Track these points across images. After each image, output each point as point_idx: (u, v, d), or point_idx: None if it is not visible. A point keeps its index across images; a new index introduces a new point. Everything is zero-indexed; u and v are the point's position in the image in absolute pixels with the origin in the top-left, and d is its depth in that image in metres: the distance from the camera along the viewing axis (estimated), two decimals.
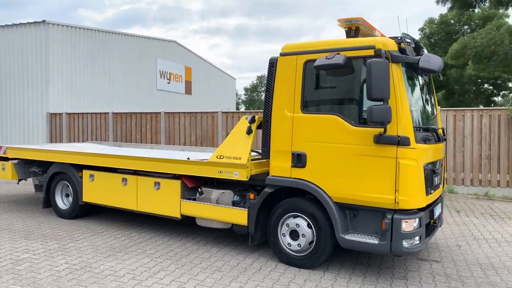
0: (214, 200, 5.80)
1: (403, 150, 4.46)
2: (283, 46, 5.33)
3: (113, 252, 5.63)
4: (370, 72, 4.27)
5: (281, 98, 5.21)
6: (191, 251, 5.75)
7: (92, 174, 7.06)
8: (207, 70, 28.79)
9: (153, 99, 22.17)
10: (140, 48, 21.37)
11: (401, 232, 4.46)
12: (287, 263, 5.21)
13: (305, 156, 4.99)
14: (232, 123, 12.93)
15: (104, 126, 14.91)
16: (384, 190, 4.53)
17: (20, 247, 5.81)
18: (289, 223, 5.15)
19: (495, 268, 5.31)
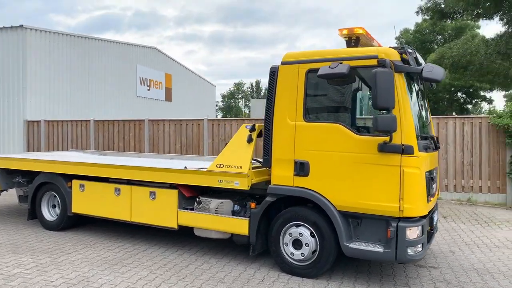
0: (213, 209, 5.71)
1: (407, 158, 4.51)
2: (285, 55, 5.34)
3: (109, 265, 5.46)
4: (375, 82, 4.32)
5: (283, 106, 5.21)
6: (190, 262, 5.64)
7: (82, 184, 6.85)
8: (187, 77, 28.61)
9: (133, 106, 21.83)
10: (120, 54, 21.05)
11: (405, 240, 4.50)
12: (290, 272, 5.18)
13: (308, 165, 4.99)
14: (218, 131, 12.86)
15: (85, 134, 14.54)
16: (389, 198, 4.57)
17: (10, 262, 5.55)
18: (292, 232, 5.13)
19: (491, 273, 5.43)
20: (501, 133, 10.29)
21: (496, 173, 10.44)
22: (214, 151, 12.79)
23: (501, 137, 10.31)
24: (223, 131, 12.81)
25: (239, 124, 12.55)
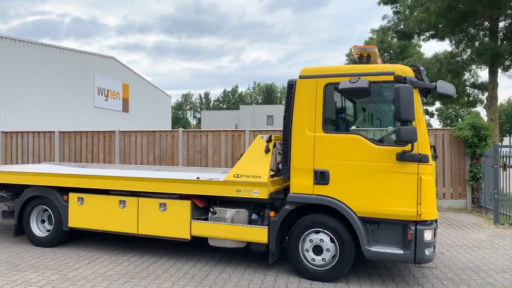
0: (229, 219, 5.79)
1: (423, 166, 4.93)
2: (302, 69, 5.61)
3: (127, 279, 5.35)
4: (398, 97, 4.70)
5: (302, 118, 5.46)
6: (207, 273, 5.66)
7: (81, 197, 6.62)
8: (144, 87, 28.09)
9: (90, 116, 21.07)
10: (78, 63, 20.30)
11: (424, 242, 4.89)
12: (310, 278, 5.38)
13: (328, 174, 5.26)
14: (193, 142, 12.82)
15: (49, 146, 13.84)
16: (407, 203, 4.95)
17: (17, 280, 5.25)
18: (313, 238, 5.35)
19: (483, 270, 5.99)
20: (461, 144, 11.23)
21: (457, 180, 11.37)
22: (190, 163, 12.74)
23: (462, 147, 11.26)
24: (198, 142, 12.80)
25: (215, 136, 12.66)
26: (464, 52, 16.35)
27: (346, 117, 5.56)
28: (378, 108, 5.76)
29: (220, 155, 12.57)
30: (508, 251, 7.11)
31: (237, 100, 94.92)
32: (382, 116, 5.65)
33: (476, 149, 10.84)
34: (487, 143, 10.91)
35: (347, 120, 5.52)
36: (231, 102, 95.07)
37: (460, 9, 12.25)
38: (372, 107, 5.51)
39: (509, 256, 6.77)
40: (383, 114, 5.65)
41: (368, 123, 5.48)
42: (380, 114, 5.71)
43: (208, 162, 12.60)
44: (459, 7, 12.13)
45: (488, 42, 12.82)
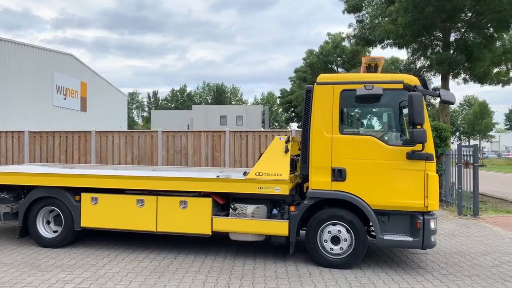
0: (250, 214, 6.20)
1: (429, 164, 5.67)
2: (319, 76, 6.15)
3: (159, 273, 5.58)
4: (412, 103, 5.39)
5: (320, 121, 6.00)
6: (231, 265, 6.03)
7: (95, 197, 6.69)
8: (101, 85, 27.34)
9: (49, 116, 20.26)
10: (36, 60, 19.45)
11: (430, 230, 5.63)
12: (328, 266, 5.93)
13: (345, 171, 5.84)
14: (173, 142, 12.95)
15: (17, 147, 13.29)
16: (415, 196, 5.66)
17: (50, 279, 5.30)
18: (331, 230, 5.91)
19: (468, 254, 6.89)
20: None
21: None
22: (170, 163, 12.85)
23: None
24: (178, 142, 12.95)
25: (195, 136, 12.88)
26: (418, 60, 17.82)
27: (359, 119, 6.18)
28: (386, 112, 6.44)
29: (200, 155, 12.81)
30: (479, 238, 8.14)
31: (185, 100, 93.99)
32: (388, 119, 6.33)
33: (438, 149, 11.98)
34: (447, 144, 12.13)
35: (361, 123, 6.14)
36: (180, 101, 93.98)
37: (422, 22, 13.47)
38: (380, 111, 6.19)
39: (482, 242, 7.76)
40: (389, 117, 6.33)
41: (378, 125, 6.14)
42: (387, 117, 6.39)
43: (188, 162, 12.79)
44: (422, 20, 13.34)
45: (446, 53, 14.20)
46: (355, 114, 6.19)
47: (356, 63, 32.92)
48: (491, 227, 9.23)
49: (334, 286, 5.19)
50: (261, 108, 54.76)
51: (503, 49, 15.43)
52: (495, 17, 13.29)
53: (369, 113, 6.07)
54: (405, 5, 13.17)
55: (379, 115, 6.18)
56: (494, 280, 5.52)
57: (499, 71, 16.07)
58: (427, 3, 13.10)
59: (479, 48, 13.87)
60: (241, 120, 52.92)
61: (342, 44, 32.93)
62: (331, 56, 33.44)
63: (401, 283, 5.34)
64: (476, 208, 10.46)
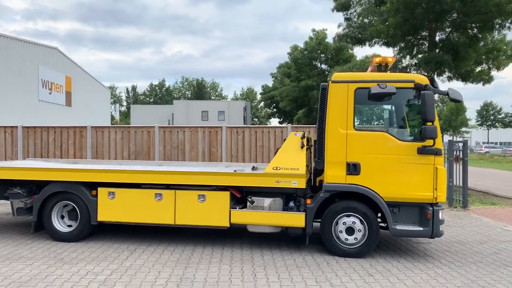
0: (268, 207, 6.45)
1: (438, 158, 6.06)
2: (334, 75, 6.45)
3: (184, 264, 5.78)
4: (425, 101, 5.74)
5: (335, 117, 6.29)
6: (250, 255, 6.28)
7: (112, 192, 6.80)
8: (85, 80, 26.94)
9: (34, 110, 19.90)
10: (21, 53, 19.05)
11: (439, 220, 6.02)
12: (342, 255, 6.26)
13: (359, 165, 6.16)
14: (170, 138, 13.04)
15: (10, 142, 13.11)
16: (425, 189, 6.04)
17: (79, 271, 5.42)
18: (346, 221, 6.23)
19: (466, 243, 7.35)
20: None
21: None
22: (167, 158, 12.94)
23: None
24: (175, 138, 13.05)
25: (192, 132, 13.01)
26: (404, 58, 18.39)
27: (373, 116, 6.51)
28: (398, 109, 6.78)
29: (197, 151, 12.95)
30: (472, 228, 8.65)
31: (164, 95, 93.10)
32: (399, 116, 6.69)
33: None
34: None
35: (374, 119, 6.48)
36: (158, 96, 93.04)
37: (412, 22, 13.97)
38: (392, 108, 6.55)
39: (476, 232, 8.27)
40: (400, 114, 6.69)
41: (390, 122, 6.49)
42: (398, 114, 6.75)
43: (186, 157, 12.91)
44: (412, 20, 13.83)
45: (434, 53, 14.76)
46: (368, 111, 6.52)
47: (340, 60, 33.52)
48: (481, 218, 9.78)
49: (353, 273, 5.51)
50: (243, 103, 54.91)
51: (485, 49, 16.14)
52: (480, 18, 13.90)
53: (381, 110, 6.40)
54: (396, 6, 13.62)
55: (391, 112, 6.53)
56: (497, 266, 5.97)
57: (482, 69, 16.79)
58: (417, 4, 13.59)
59: (464, 48, 14.48)
60: (223, 115, 52.92)
61: (325, 41, 33.48)
62: (315, 52, 33.95)
63: (414, 270, 5.72)
64: (465, 200, 11.02)
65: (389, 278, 5.34)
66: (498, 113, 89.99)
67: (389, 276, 5.42)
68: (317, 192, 6.63)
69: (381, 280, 5.28)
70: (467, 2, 13.11)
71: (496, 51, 16.51)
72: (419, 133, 5.96)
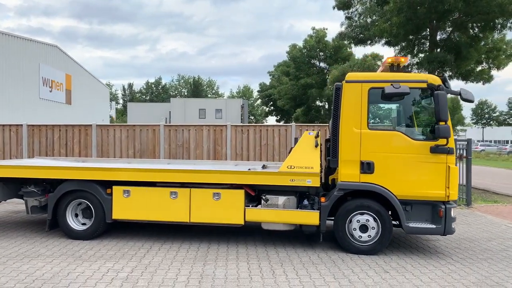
0: (282, 205, 6.55)
1: (451, 157, 6.17)
2: (348, 75, 6.55)
3: (203, 261, 5.86)
4: (438, 101, 5.86)
5: (349, 117, 6.39)
6: (266, 253, 6.37)
7: (127, 190, 6.86)
8: (84, 78, 26.86)
9: (36, 108, 19.85)
10: (21, 51, 18.97)
11: (451, 217, 6.14)
12: (356, 252, 6.36)
13: (373, 164, 6.27)
14: (175, 136, 13.10)
15: (15, 140, 13.11)
16: (438, 187, 6.16)
17: (100, 269, 5.49)
18: (360, 219, 6.33)
19: (475, 240, 7.49)
20: None
21: None
22: (172, 156, 13.01)
23: None
24: (180, 136, 13.11)
25: (197, 130, 13.08)
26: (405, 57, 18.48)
27: (388, 116, 6.61)
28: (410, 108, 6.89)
29: (202, 149, 13.02)
30: (479, 225, 8.79)
31: (160, 92, 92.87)
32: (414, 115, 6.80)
33: None
34: None
35: (390, 119, 6.58)
36: (155, 94, 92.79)
37: (415, 22, 14.08)
38: (405, 108, 6.66)
39: (482, 229, 8.41)
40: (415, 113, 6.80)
41: (403, 121, 6.60)
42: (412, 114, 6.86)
43: (190, 155, 12.98)
44: (415, 20, 13.94)
45: (436, 52, 14.89)
46: (382, 111, 6.62)
47: (338, 58, 33.63)
48: (485, 216, 9.94)
49: (369, 270, 5.62)
50: (240, 101, 54.92)
51: (486, 49, 16.30)
52: (482, 18, 14.04)
53: (394, 110, 6.51)
54: (399, 5, 13.72)
55: (404, 111, 6.64)
56: (508, 262, 6.10)
57: (483, 69, 16.96)
58: (421, 4, 13.71)
59: (466, 47, 14.63)
60: (220, 114, 52.92)
61: (325, 40, 33.57)
62: (313, 51, 34.04)
63: (428, 267, 5.84)
64: (469, 198, 11.18)
65: (405, 275, 5.46)
66: (493, 111, 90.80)
67: (404, 273, 5.54)
68: (329, 190, 6.75)
69: (397, 276, 5.39)
70: (469, 2, 13.24)
71: (496, 51, 16.70)
72: (433, 132, 6.07)
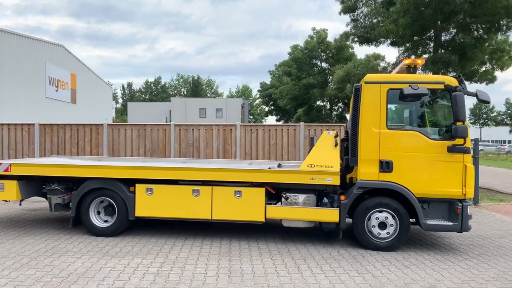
0: (302, 203, 6.72)
1: (467, 156, 6.36)
2: (367, 76, 6.73)
3: (228, 257, 6.02)
4: (456, 102, 6.05)
5: (368, 117, 6.57)
6: (287, 249, 6.54)
7: (150, 188, 7.01)
8: (89, 77, 26.96)
9: (42, 108, 19.95)
10: (29, 50, 19.08)
11: (467, 215, 6.33)
12: (375, 249, 6.55)
13: (392, 163, 6.45)
14: (186, 136, 13.26)
15: (27, 139, 13.24)
16: (455, 185, 6.34)
17: (129, 264, 5.64)
18: (378, 216, 6.51)
19: (487, 237, 7.68)
20: None
21: None
22: (182, 155, 13.18)
23: None
24: (191, 136, 13.28)
25: (207, 130, 13.25)
26: (409, 58, 18.70)
27: (407, 116, 6.79)
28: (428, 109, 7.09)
29: (212, 148, 13.19)
30: (488, 223, 9.00)
31: (159, 92, 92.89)
32: (431, 116, 6.99)
33: None
34: None
35: (408, 119, 6.76)
36: (154, 93, 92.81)
37: (421, 23, 14.30)
38: (423, 108, 6.86)
39: (492, 227, 8.61)
40: (431, 113, 7.00)
41: (421, 121, 6.79)
42: (429, 114, 7.06)
43: (200, 154, 13.15)
44: (421, 21, 14.16)
45: (441, 53, 15.11)
46: (400, 111, 6.80)
47: (340, 58, 33.83)
48: (493, 214, 10.15)
49: (390, 266, 5.81)
50: (240, 101, 55.10)
51: (490, 50, 16.53)
52: (487, 19, 14.26)
53: (412, 110, 6.70)
54: (406, 7, 13.92)
55: (422, 112, 6.83)
56: None
57: (486, 69, 17.19)
58: (427, 5, 13.91)
59: (471, 48, 14.85)
60: (221, 113, 53.11)
61: (326, 40, 33.76)
62: (315, 51, 34.24)
63: (446, 262, 6.02)
64: (476, 197, 11.39)
65: (426, 270, 5.65)
66: (491, 111, 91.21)
67: (425, 268, 5.72)
68: (346, 189, 6.92)
69: (418, 271, 5.58)
70: (475, 4, 13.44)
71: (500, 52, 16.93)
72: (450, 132, 6.26)
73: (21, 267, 5.49)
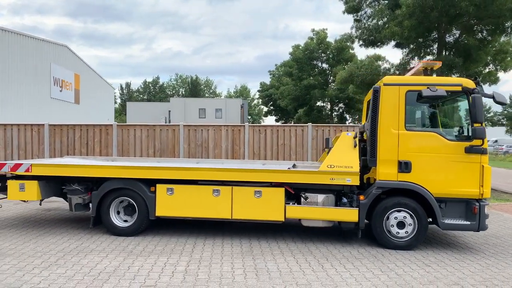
0: (321, 203, 6.84)
1: (484, 157, 6.50)
2: (385, 78, 6.85)
3: (251, 256, 6.13)
4: (475, 104, 6.18)
5: (387, 118, 6.69)
6: (307, 248, 6.65)
7: (170, 188, 7.10)
8: (91, 77, 26.98)
9: (47, 108, 19.98)
10: (35, 51, 19.10)
11: (485, 214, 6.46)
12: (393, 247, 6.67)
13: (410, 164, 6.57)
14: (194, 136, 13.35)
15: (37, 140, 13.29)
16: (472, 185, 6.48)
17: (156, 263, 5.74)
18: (397, 216, 6.64)
19: (500, 236, 7.83)
20: None
21: None
22: (191, 156, 13.27)
23: None
24: (200, 136, 13.37)
25: (216, 130, 13.34)
26: (412, 59, 18.91)
27: (422, 117, 6.93)
28: (446, 110, 7.23)
29: (220, 149, 13.29)
30: (498, 223, 9.14)
31: (157, 92, 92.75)
32: (448, 117, 7.13)
33: None
34: None
35: (426, 120, 6.89)
36: (152, 93, 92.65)
37: (426, 25, 14.46)
38: (440, 110, 7.00)
39: (503, 226, 8.76)
40: (448, 115, 7.14)
41: (439, 123, 6.92)
42: (446, 115, 7.20)
43: (209, 155, 13.25)
44: (426, 23, 14.32)
45: (446, 55, 15.28)
46: (418, 112, 6.92)
47: (341, 59, 34.00)
48: (501, 214, 10.30)
49: (411, 264, 5.93)
50: (240, 101, 55.16)
51: (494, 51, 16.73)
52: (492, 21, 14.44)
53: (430, 112, 6.83)
54: (412, 10, 14.08)
55: (439, 113, 6.96)
56: None
57: (490, 71, 17.39)
58: (433, 8, 14.07)
59: (476, 50, 15.03)
60: (220, 113, 53.12)
61: (326, 41, 33.93)
62: (315, 52, 34.42)
63: (465, 261, 6.15)
64: None
65: (447, 268, 5.77)
66: (487, 112, 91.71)
67: (445, 266, 5.85)
68: (364, 189, 7.04)
69: (439, 269, 5.70)
70: (481, 6, 13.62)
71: (503, 53, 17.13)
72: (469, 133, 6.39)
73: (50, 266, 5.57)
